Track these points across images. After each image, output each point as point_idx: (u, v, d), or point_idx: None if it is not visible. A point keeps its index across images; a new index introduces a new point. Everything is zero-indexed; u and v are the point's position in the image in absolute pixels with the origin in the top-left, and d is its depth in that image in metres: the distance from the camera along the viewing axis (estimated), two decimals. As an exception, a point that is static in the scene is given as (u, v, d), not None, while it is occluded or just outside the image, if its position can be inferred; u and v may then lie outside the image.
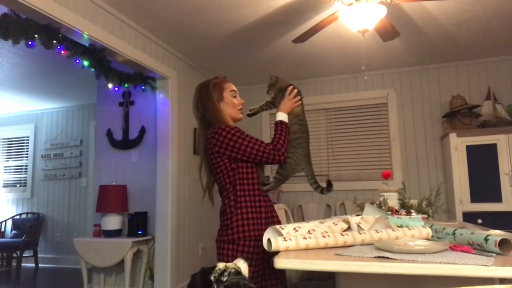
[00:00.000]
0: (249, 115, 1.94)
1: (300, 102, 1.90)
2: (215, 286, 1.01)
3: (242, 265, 1.10)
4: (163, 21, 3.29)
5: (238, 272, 1.05)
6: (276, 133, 1.78)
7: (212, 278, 1.03)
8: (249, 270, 1.20)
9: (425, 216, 1.64)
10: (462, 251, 1.11)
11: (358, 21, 2.54)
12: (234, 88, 1.89)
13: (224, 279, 1.02)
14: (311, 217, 4.54)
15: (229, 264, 1.07)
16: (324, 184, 1.86)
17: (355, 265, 1.03)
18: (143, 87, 3.81)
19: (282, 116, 1.83)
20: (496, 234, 1.22)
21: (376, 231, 1.30)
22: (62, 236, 5.77)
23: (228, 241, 1.66)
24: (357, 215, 1.54)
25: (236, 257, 1.60)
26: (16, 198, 6.17)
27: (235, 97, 1.87)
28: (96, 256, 3.64)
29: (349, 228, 1.41)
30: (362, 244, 1.27)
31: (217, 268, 1.05)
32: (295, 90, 1.88)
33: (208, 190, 1.81)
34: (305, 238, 1.23)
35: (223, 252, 1.67)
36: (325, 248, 1.24)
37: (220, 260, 1.66)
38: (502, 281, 0.96)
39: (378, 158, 4.61)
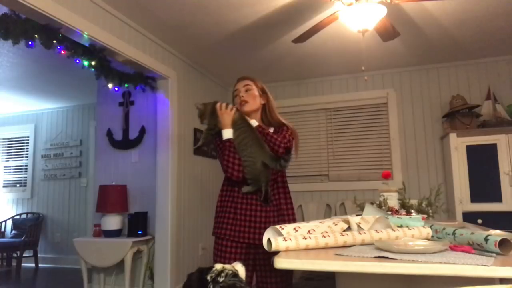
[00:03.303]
0: (196, 149, 2.04)
1: (233, 109, 1.86)
2: (211, 286, 1.01)
3: (239, 268, 1.11)
4: (163, 21, 3.29)
5: (235, 274, 1.05)
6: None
7: (208, 278, 1.03)
8: None
9: (425, 216, 1.64)
10: (462, 251, 1.11)
11: (358, 21, 2.54)
12: (236, 87, 1.95)
13: (221, 279, 1.02)
14: (311, 217, 4.54)
15: (227, 266, 1.08)
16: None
17: (355, 265, 1.03)
18: (143, 87, 3.81)
19: (224, 134, 1.84)
20: (496, 234, 1.22)
21: (376, 231, 1.30)
22: (62, 236, 5.77)
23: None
24: (357, 215, 1.54)
25: (213, 252, 1.84)
26: (16, 198, 6.17)
27: (236, 96, 1.93)
28: (96, 256, 3.64)
29: (349, 228, 1.41)
30: (362, 244, 1.27)
31: (214, 269, 1.05)
32: (223, 104, 1.87)
33: None
34: (305, 238, 1.23)
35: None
36: (325, 248, 1.24)
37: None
38: (502, 281, 0.96)
39: (378, 158, 4.60)
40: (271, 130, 1.93)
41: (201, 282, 1.03)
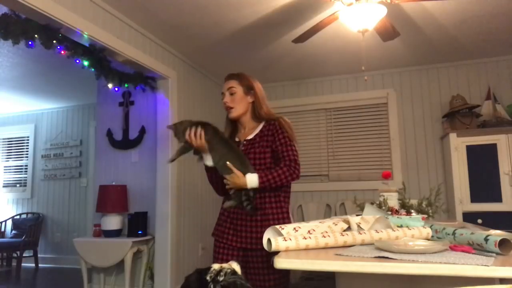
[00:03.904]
0: (171, 161, 2.03)
1: (202, 133, 1.76)
2: (212, 286, 1.01)
3: (235, 267, 1.10)
4: (163, 21, 3.29)
5: (234, 272, 1.05)
6: None
7: (208, 278, 1.03)
8: None
9: (425, 216, 1.64)
10: (462, 251, 1.11)
11: (358, 21, 2.54)
12: (222, 89, 1.91)
13: (221, 278, 1.02)
14: (311, 217, 4.54)
15: (224, 265, 1.08)
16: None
17: (355, 265, 1.03)
18: (143, 87, 3.81)
19: (204, 160, 1.85)
20: (496, 234, 1.22)
21: (376, 231, 1.30)
22: (62, 236, 5.77)
23: None
24: (357, 215, 1.54)
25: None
26: (16, 198, 6.17)
27: (222, 99, 1.90)
28: (96, 256, 3.64)
29: (349, 228, 1.41)
30: (362, 244, 1.27)
31: (212, 269, 1.05)
32: (191, 134, 1.77)
33: None
34: (305, 238, 1.23)
35: None
36: (325, 248, 1.24)
37: None
38: (502, 281, 0.96)
39: (378, 158, 4.60)
40: (262, 124, 1.86)
41: (201, 282, 1.03)
